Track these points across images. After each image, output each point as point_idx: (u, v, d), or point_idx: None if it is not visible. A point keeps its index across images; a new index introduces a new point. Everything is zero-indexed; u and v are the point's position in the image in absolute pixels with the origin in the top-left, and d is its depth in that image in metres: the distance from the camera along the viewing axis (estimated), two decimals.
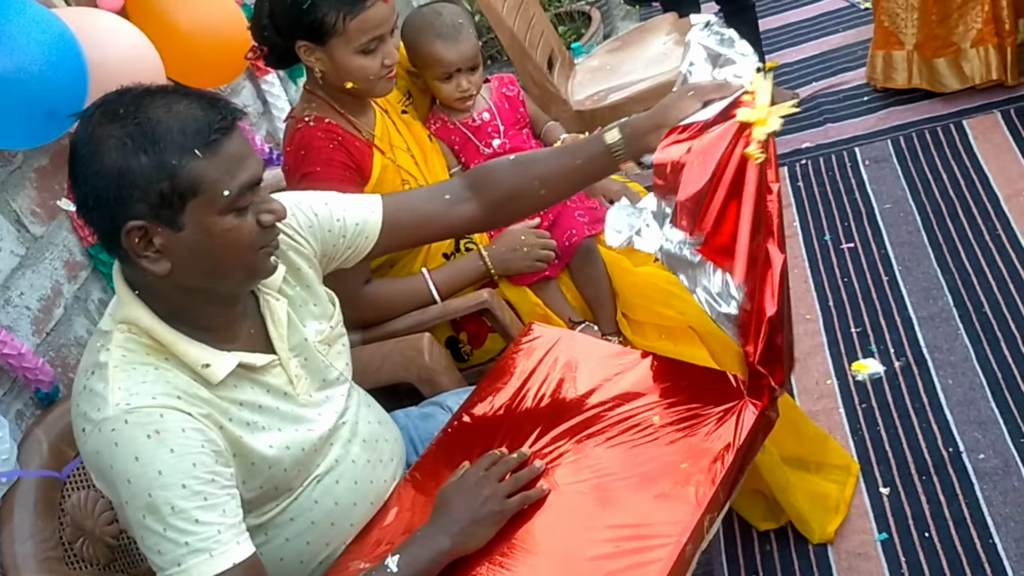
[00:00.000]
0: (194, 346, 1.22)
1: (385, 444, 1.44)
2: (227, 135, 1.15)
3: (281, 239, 1.32)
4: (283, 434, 1.30)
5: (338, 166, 1.80)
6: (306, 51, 1.77)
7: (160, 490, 1.13)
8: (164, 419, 1.15)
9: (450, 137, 2.07)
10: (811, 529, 1.95)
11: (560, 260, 2.01)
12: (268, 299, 1.33)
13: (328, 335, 1.41)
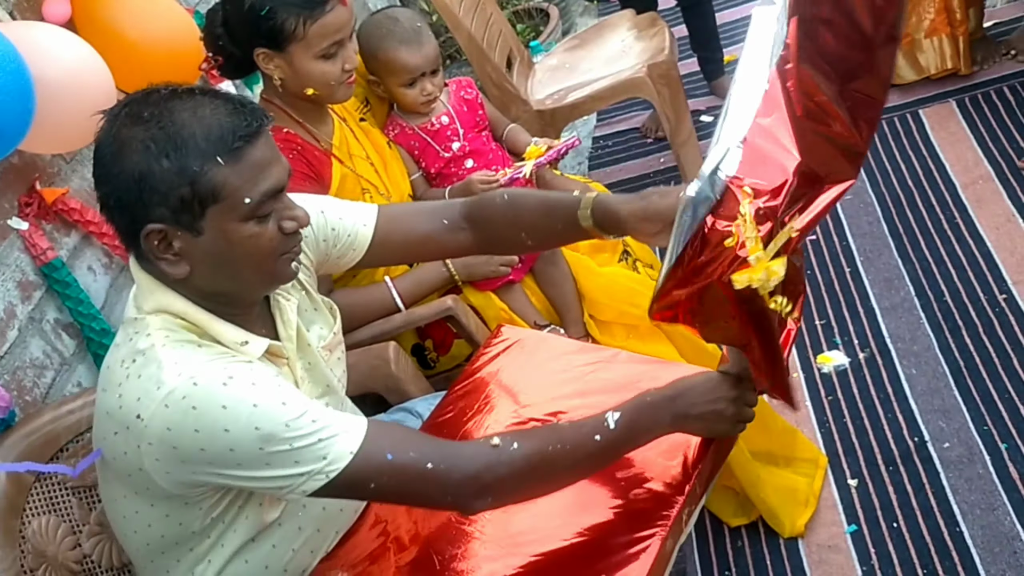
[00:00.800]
0: (229, 326, 1.23)
1: None
2: (251, 142, 1.14)
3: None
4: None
5: (298, 176, 1.77)
6: (265, 58, 1.74)
7: (265, 417, 1.13)
8: (228, 368, 1.16)
9: (409, 142, 2.05)
10: (781, 523, 1.96)
11: (523, 264, 2.00)
12: (279, 298, 1.33)
13: (330, 342, 1.41)
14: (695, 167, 2.94)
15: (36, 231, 1.79)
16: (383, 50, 1.95)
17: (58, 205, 1.84)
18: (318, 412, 1.16)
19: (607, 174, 3.40)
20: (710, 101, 3.53)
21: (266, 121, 1.18)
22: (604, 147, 3.62)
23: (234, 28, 1.75)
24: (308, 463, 1.14)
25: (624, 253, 2.08)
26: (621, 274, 2.03)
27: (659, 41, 2.91)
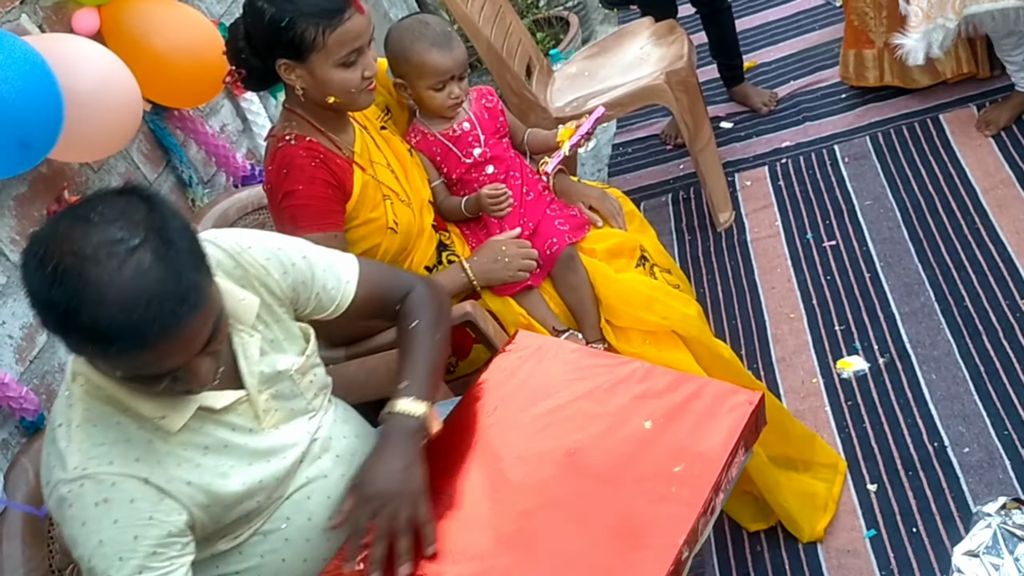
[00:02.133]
0: (147, 400, 1.23)
1: (364, 457, 1.44)
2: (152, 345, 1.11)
3: (253, 274, 1.37)
4: (253, 468, 1.31)
5: (320, 183, 1.80)
6: (286, 69, 1.77)
7: (99, 559, 1.17)
8: (115, 487, 1.18)
9: (431, 149, 2.08)
10: (800, 528, 1.97)
11: (542, 269, 2.01)
12: (242, 335, 1.35)
13: (303, 365, 1.43)
14: (714, 173, 2.97)
15: None
16: (415, 52, 1.97)
17: None
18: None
19: (627, 181, 3.42)
20: (729, 107, 3.54)
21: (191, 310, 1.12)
22: (624, 154, 3.63)
23: (255, 41, 1.77)
24: None
25: (642, 259, 2.10)
26: (638, 280, 2.03)
27: (678, 48, 2.92)
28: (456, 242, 2.08)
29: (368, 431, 1.53)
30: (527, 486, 1.41)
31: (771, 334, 2.55)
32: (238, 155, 2.47)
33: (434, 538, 1.32)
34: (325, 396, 1.48)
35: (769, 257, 2.81)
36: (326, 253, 1.52)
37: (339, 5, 1.71)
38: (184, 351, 1.15)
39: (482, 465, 1.47)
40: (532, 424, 1.52)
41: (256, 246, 1.40)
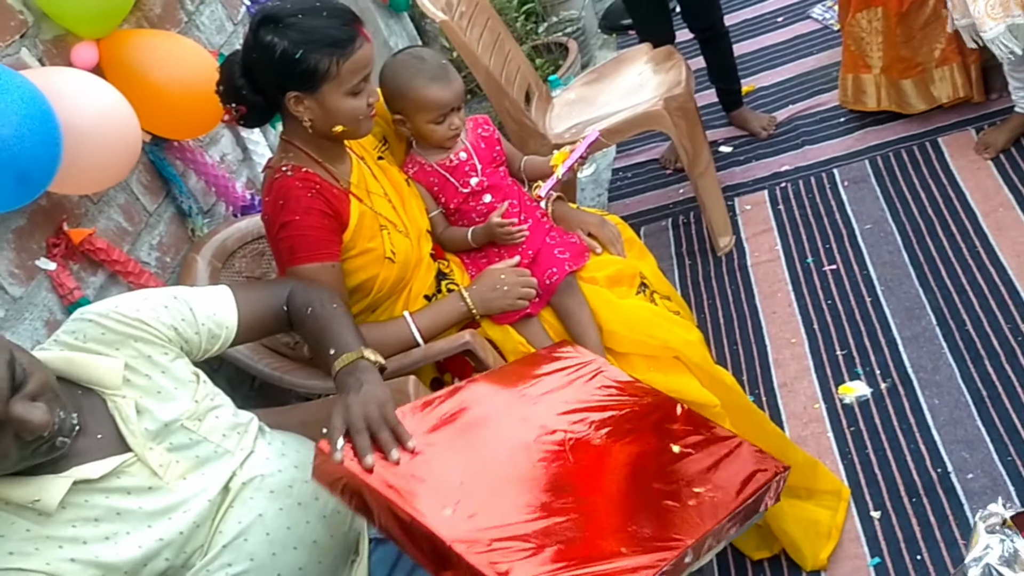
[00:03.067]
0: (18, 485, 1.23)
1: (304, 486, 1.43)
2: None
3: (127, 331, 1.39)
4: (153, 530, 1.30)
5: (316, 214, 1.80)
6: (295, 101, 1.77)
7: None
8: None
9: (428, 179, 2.08)
10: (804, 556, 1.95)
11: (541, 298, 2.01)
12: (115, 399, 1.34)
13: (195, 410, 1.41)
14: (714, 198, 2.97)
15: (63, 271, 1.83)
16: (414, 88, 1.98)
17: (85, 245, 1.89)
18: None
19: (626, 206, 3.42)
20: (728, 132, 3.55)
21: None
22: (624, 179, 3.64)
23: (261, 77, 1.77)
24: None
25: (642, 286, 2.09)
26: (640, 306, 2.03)
27: (676, 74, 2.93)
28: (455, 271, 2.07)
29: (311, 457, 1.50)
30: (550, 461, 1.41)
31: (772, 359, 2.54)
32: (238, 185, 2.47)
33: (409, 435, 1.36)
34: (243, 435, 1.46)
35: (770, 282, 2.81)
36: (197, 289, 1.58)
37: (350, 35, 1.73)
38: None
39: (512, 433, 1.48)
40: (562, 414, 1.53)
41: (123, 302, 1.44)
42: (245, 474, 1.42)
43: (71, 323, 1.41)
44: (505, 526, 1.27)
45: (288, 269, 1.82)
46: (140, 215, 2.15)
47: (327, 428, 1.36)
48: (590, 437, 1.49)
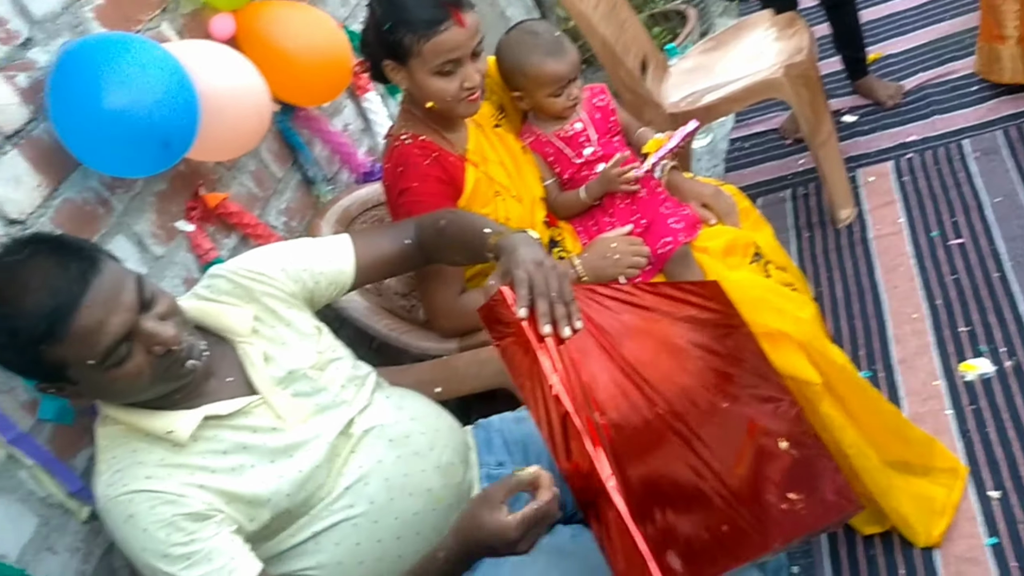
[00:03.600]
0: (156, 417, 1.36)
1: (420, 437, 1.51)
2: (69, 318, 1.23)
3: (253, 286, 1.51)
4: (275, 466, 1.40)
5: (433, 181, 1.86)
6: (391, 70, 1.84)
7: (149, 563, 1.30)
8: (134, 502, 1.31)
9: (543, 149, 2.11)
10: (916, 533, 1.91)
11: (653, 267, 2.02)
12: (243, 346, 1.46)
13: (317, 361, 1.51)
14: (835, 169, 2.90)
15: (200, 233, 1.95)
16: (531, 64, 2.00)
17: (219, 209, 2.01)
18: (194, 572, 1.29)
19: (743, 177, 3.37)
20: (853, 101, 3.44)
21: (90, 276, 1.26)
22: (741, 149, 3.58)
23: (370, 39, 1.87)
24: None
25: (756, 256, 2.07)
26: (750, 281, 2.00)
27: (798, 41, 2.86)
28: (567, 239, 2.10)
29: (423, 412, 1.58)
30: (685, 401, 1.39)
31: (892, 335, 2.48)
32: (359, 153, 2.57)
33: (580, 318, 1.34)
34: (361, 388, 1.54)
35: (892, 255, 2.73)
36: (318, 239, 1.68)
37: (437, 17, 1.74)
38: (116, 309, 1.26)
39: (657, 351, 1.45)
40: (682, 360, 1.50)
41: (251, 259, 1.56)
42: (365, 423, 1.51)
43: (206, 279, 1.54)
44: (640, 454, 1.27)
45: None
46: (269, 181, 2.27)
47: (504, 272, 1.38)
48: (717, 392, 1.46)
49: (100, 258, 1.29)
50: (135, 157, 1.60)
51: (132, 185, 1.82)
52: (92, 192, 1.73)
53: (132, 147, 1.58)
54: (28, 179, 1.59)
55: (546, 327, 1.30)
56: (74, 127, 1.57)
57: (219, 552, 1.31)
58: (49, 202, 1.63)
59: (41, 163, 1.61)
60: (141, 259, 1.81)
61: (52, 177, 1.63)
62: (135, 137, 1.56)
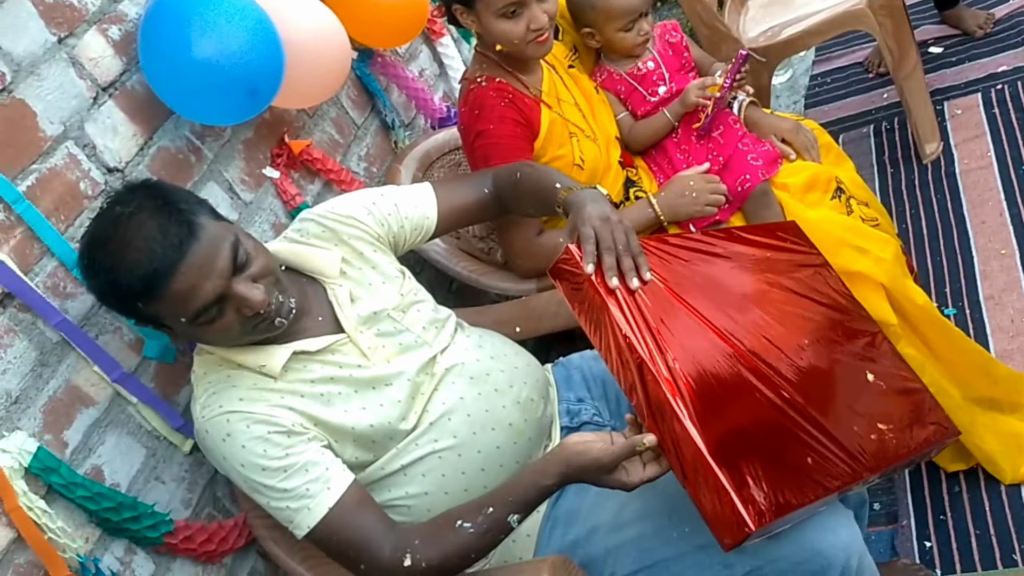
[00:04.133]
0: (249, 353, 1.44)
1: (500, 375, 1.57)
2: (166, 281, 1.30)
3: (342, 230, 1.57)
4: (359, 397, 1.46)
5: (509, 123, 1.88)
6: (460, 13, 1.86)
7: (248, 477, 1.38)
8: (230, 423, 1.39)
9: (616, 88, 2.10)
10: (1002, 470, 1.89)
11: (731, 205, 2.01)
12: (332, 287, 1.53)
13: (400, 303, 1.57)
14: (921, 102, 2.81)
15: (286, 179, 2.01)
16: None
17: (303, 156, 2.06)
18: (293, 483, 1.37)
19: (824, 112, 3.29)
20: (939, 31, 3.31)
21: (188, 242, 1.31)
22: (823, 84, 3.49)
23: None
24: (281, 518, 1.40)
25: (838, 191, 2.04)
26: (830, 220, 1.97)
27: None
28: (643, 178, 2.10)
29: (503, 351, 1.63)
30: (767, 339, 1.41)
31: (979, 271, 2.42)
32: (435, 98, 2.59)
33: (648, 268, 1.36)
34: (441, 330, 1.59)
35: (980, 190, 2.65)
36: (401, 187, 1.73)
37: None
38: (209, 275, 1.31)
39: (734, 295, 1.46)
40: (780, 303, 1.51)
41: (339, 204, 1.62)
42: (447, 361, 1.56)
43: (297, 223, 1.60)
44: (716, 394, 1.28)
45: None
46: (349, 128, 2.31)
47: (571, 229, 1.40)
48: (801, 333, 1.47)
49: (199, 223, 1.33)
50: (223, 105, 1.65)
51: (221, 133, 1.88)
52: (184, 140, 1.79)
53: (220, 96, 1.63)
54: (124, 128, 1.65)
55: (613, 279, 1.32)
56: (165, 77, 1.62)
57: (314, 464, 1.39)
58: (145, 150, 1.69)
59: (136, 113, 1.68)
60: (232, 205, 1.88)
61: (146, 126, 1.70)
62: (223, 86, 1.61)
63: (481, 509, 1.37)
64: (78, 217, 1.53)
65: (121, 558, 1.47)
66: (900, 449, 1.38)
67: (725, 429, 1.26)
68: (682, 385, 1.26)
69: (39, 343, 1.42)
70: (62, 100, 1.55)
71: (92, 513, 1.41)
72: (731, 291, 1.47)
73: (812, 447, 1.29)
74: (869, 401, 1.43)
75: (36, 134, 1.50)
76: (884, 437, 1.37)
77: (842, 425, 1.35)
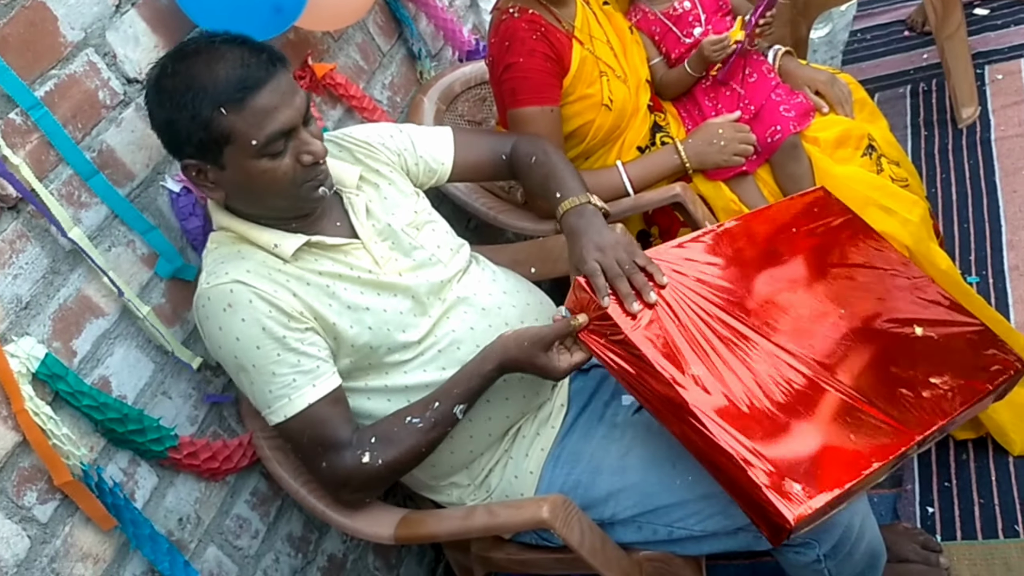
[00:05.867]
0: (266, 232, 1.45)
1: (512, 310, 1.57)
2: (254, 91, 1.32)
3: (358, 151, 1.59)
4: (363, 296, 1.47)
5: (540, 57, 1.84)
6: None
7: (240, 352, 1.39)
8: (234, 293, 1.39)
9: (651, 28, 2.05)
10: (1012, 441, 1.88)
11: (759, 155, 1.97)
12: (349, 196, 1.54)
13: (414, 220, 1.58)
14: (961, 64, 2.74)
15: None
16: None
17: (327, 79, 2.02)
18: (281, 368, 1.38)
19: (861, 70, 3.22)
20: None
21: (274, 68, 1.34)
22: (862, 40, 3.41)
23: None
24: (258, 402, 1.42)
25: (869, 148, 2.00)
26: (858, 179, 1.94)
27: None
28: (671, 123, 2.06)
29: (515, 287, 1.63)
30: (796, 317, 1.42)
31: (1006, 240, 2.37)
32: (464, 30, 2.54)
33: (661, 271, 1.40)
34: (456, 254, 1.60)
35: (1014, 158, 2.59)
36: (421, 127, 1.74)
37: None
38: (289, 104, 1.35)
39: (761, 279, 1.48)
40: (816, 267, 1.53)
41: (355, 130, 1.65)
42: (460, 290, 1.55)
43: None
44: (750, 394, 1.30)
45: (509, 112, 1.89)
46: (375, 55, 2.27)
47: (574, 266, 1.44)
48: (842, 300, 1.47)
49: (283, 63, 1.38)
50: (248, 20, 1.60)
51: None
52: None
53: (245, 10, 1.59)
54: (145, 39, 1.63)
55: (634, 305, 1.35)
56: None
57: (307, 357, 1.40)
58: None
59: (158, 24, 1.65)
60: None
61: (168, 38, 1.67)
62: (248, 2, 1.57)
63: (428, 404, 1.43)
64: (95, 127, 1.51)
65: (125, 469, 1.48)
66: (957, 400, 1.36)
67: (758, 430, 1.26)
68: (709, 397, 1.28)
69: (51, 250, 1.41)
70: (84, 6, 1.52)
71: (97, 423, 1.41)
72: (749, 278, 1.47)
73: (852, 424, 1.28)
74: (918, 358, 1.41)
75: (56, 39, 1.47)
76: (937, 391, 1.36)
77: (884, 393, 1.33)
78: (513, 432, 1.58)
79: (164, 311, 1.58)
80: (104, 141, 1.52)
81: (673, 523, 1.44)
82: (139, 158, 1.58)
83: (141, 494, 1.50)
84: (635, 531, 1.48)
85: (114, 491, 1.39)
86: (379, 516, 1.54)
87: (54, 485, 1.33)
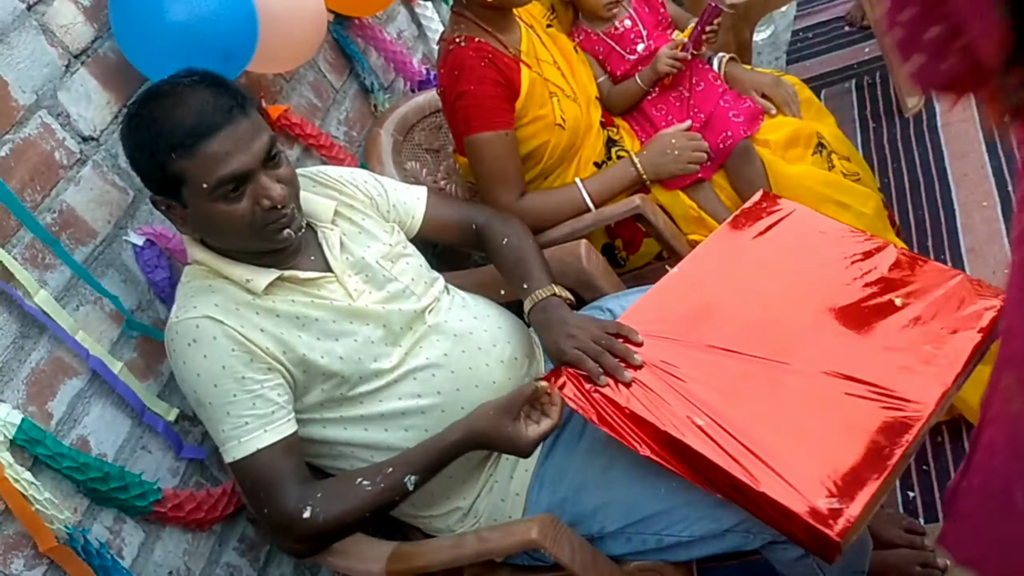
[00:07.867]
0: (239, 267, 1.46)
1: (484, 334, 1.59)
2: (205, 139, 1.34)
3: (335, 188, 1.62)
4: (336, 326, 1.48)
5: (490, 83, 1.86)
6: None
7: (200, 388, 1.40)
8: (199, 328, 1.40)
9: (594, 48, 2.09)
10: None
11: (714, 162, 2.00)
12: (323, 230, 1.56)
13: (389, 252, 1.60)
14: None
15: None
16: None
17: (282, 120, 2.04)
18: (237, 410, 1.39)
19: (807, 68, 3.28)
20: None
21: (231, 115, 1.35)
22: (804, 39, 3.48)
23: None
24: (216, 439, 1.43)
25: (819, 146, 2.04)
26: (811, 176, 1.98)
27: None
28: (625, 137, 2.09)
29: (485, 312, 1.65)
30: (777, 328, 1.44)
31: (961, 223, 2.43)
32: (414, 60, 2.56)
33: (635, 331, 1.46)
34: (430, 286, 1.62)
35: (961, 143, 2.65)
36: (395, 181, 1.77)
37: None
38: (244, 150, 1.36)
39: (732, 303, 1.51)
40: (781, 274, 1.55)
41: (330, 169, 1.68)
42: (432, 319, 1.57)
43: None
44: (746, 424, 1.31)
45: (465, 139, 1.91)
46: (328, 92, 2.29)
47: (554, 359, 1.48)
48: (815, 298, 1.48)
49: (250, 107, 1.40)
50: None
51: None
52: None
53: (195, 61, 1.58)
54: (97, 96, 1.63)
55: (624, 375, 1.40)
56: (137, 43, 1.60)
57: (264, 401, 1.41)
58: (119, 118, 1.67)
59: (108, 80, 1.65)
60: None
61: (120, 93, 1.67)
62: (197, 51, 1.58)
63: (382, 469, 1.44)
64: (54, 188, 1.51)
65: (110, 527, 1.47)
66: (955, 359, 1.36)
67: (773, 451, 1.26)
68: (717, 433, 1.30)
69: (19, 315, 1.41)
70: (33, 68, 1.52)
71: (79, 483, 1.41)
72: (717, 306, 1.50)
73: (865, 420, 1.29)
74: (906, 329, 1.41)
75: (8, 104, 1.47)
76: (934, 358, 1.36)
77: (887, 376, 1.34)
78: (495, 456, 1.59)
79: (137, 365, 1.58)
80: (64, 201, 1.52)
81: (661, 531, 1.45)
82: (100, 215, 1.58)
83: (129, 551, 1.49)
84: (624, 543, 1.49)
85: (100, 552, 1.38)
86: (369, 551, 1.53)
87: (40, 551, 1.32)
